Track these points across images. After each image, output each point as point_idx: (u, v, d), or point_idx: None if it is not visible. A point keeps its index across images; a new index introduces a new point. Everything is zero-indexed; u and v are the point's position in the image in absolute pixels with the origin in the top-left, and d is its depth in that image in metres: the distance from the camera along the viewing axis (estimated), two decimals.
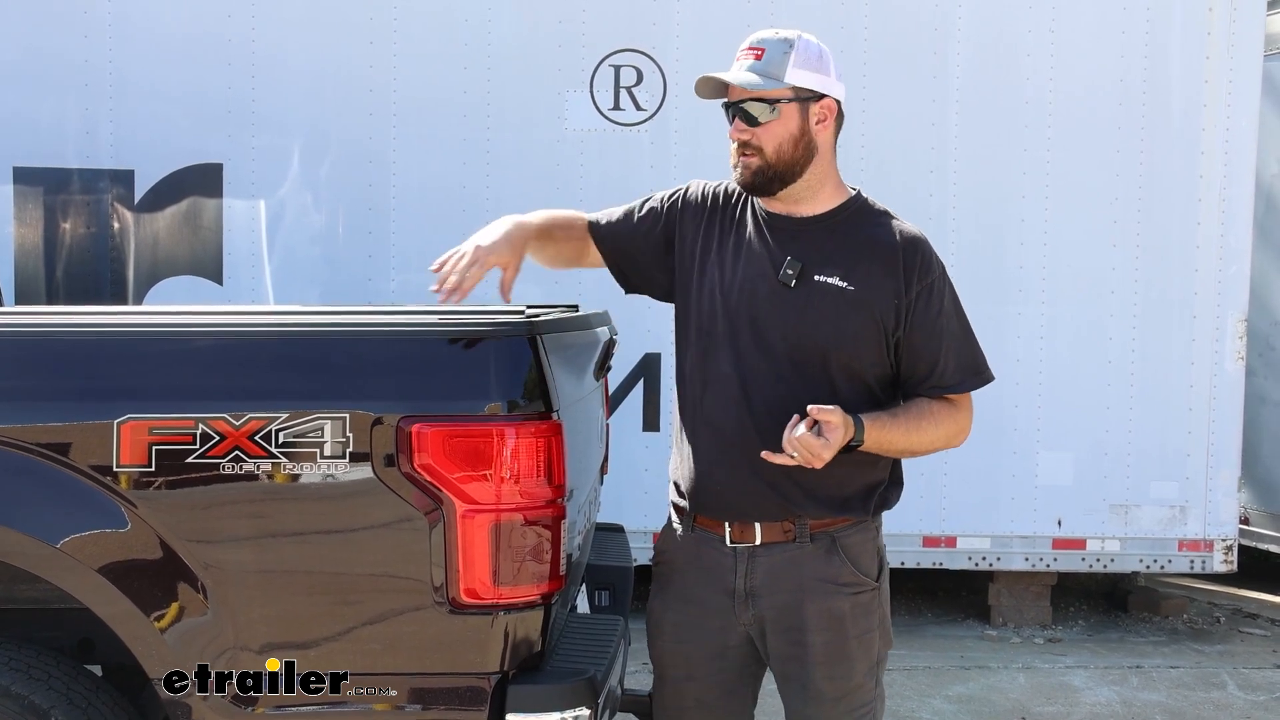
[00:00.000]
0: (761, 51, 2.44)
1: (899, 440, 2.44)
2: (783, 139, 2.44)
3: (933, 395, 2.50)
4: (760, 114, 2.43)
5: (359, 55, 5.70)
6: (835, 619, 2.49)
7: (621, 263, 2.65)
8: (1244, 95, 5.81)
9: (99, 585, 2.21)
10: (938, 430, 2.49)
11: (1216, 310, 5.85)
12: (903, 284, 2.45)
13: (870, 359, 2.47)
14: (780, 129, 2.44)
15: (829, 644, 2.49)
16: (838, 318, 2.44)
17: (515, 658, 2.26)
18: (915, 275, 2.46)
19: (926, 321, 2.47)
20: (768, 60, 2.43)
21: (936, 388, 2.50)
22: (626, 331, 3.83)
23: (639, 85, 5.73)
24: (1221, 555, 5.91)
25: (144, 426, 2.21)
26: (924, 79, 5.82)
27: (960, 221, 5.82)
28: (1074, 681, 5.31)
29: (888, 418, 2.43)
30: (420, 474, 2.20)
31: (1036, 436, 5.86)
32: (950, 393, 2.51)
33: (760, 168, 2.45)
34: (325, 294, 5.67)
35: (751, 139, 2.45)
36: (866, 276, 2.45)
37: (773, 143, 2.44)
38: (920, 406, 2.49)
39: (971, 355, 2.54)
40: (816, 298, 2.44)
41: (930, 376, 2.49)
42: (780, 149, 2.44)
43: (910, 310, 2.46)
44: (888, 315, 2.45)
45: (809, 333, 2.44)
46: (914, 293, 2.46)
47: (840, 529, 2.50)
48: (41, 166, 5.63)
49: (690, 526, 2.58)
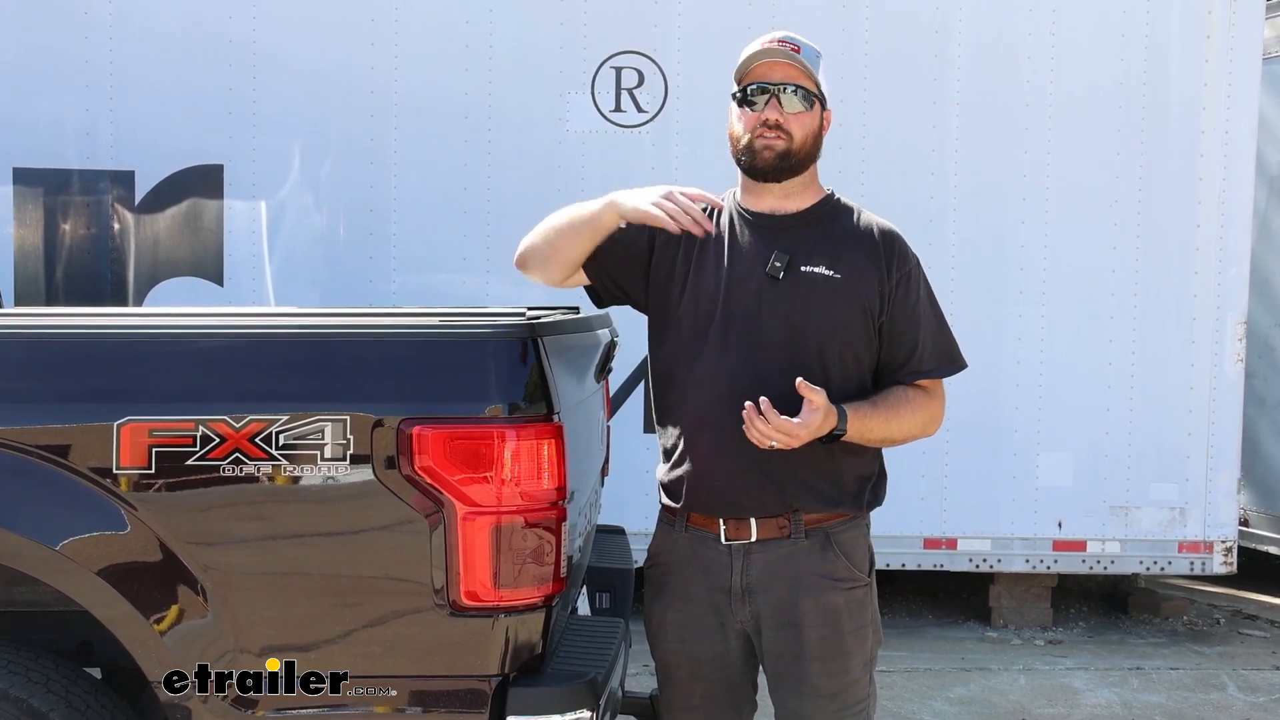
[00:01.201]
0: (799, 48, 2.53)
1: (879, 428, 2.49)
2: (809, 131, 2.54)
3: (909, 381, 2.57)
4: (800, 103, 2.52)
5: (360, 56, 5.70)
6: (831, 614, 2.51)
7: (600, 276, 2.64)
8: (1243, 98, 5.81)
9: (98, 588, 2.21)
10: (915, 417, 2.55)
11: (1216, 312, 5.85)
12: (884, 270, 2.54)
13: (862, 346, 2.53)
14: (810, 121, 2.54)
15: (826, 639, 2.51)
16: (828, 305, 2.49)
17: (516, 660, 2.26)
18: (895, 263, 2.55)
19: (906, 307, 2.55)
20: (806, 58, 2.53)
21: (915, 373, 2.56)
22: (627, 333, 3.82)
23: (640, 87, 5.73)
24: (1221, 557, 5.91)
25: (144, 428, 2.20)
26: (924, 81, 5.82)
27: (960, 223, 5.82)
28: (1074, 683, 5.31)
29: (868, 406, 2.49)
30: (421, 476, 2.19)
31: (1037, 438, 5.86)
32: (927, 377, 2.58)
33: (785, 150, 2.52)
34: (326, 295, 5.67)
35: (785, 122, 2.51)
36: (851, 265, 2.52)
37: (801, 132, 2.53)
38: (897, 394, 2.54)
39: (946, 343, 2.62)
40: (805, 287, 2.50)
41: (909, 361, 2.56)
42: (805, 140, 2.54)
43: (891, 296, 2.54)
44: (873, 301, 2.52)
45: (800, 322, 2.48)
46: (894, 279, 2.54)
47: (834, 525, 2.54)
48: (42, 167, 5.63)
49: (684, 526, 2.60)
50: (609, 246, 2.60)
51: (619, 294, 2.68)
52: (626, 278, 2.64)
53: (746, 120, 2.53)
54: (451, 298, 5.52)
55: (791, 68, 2.50)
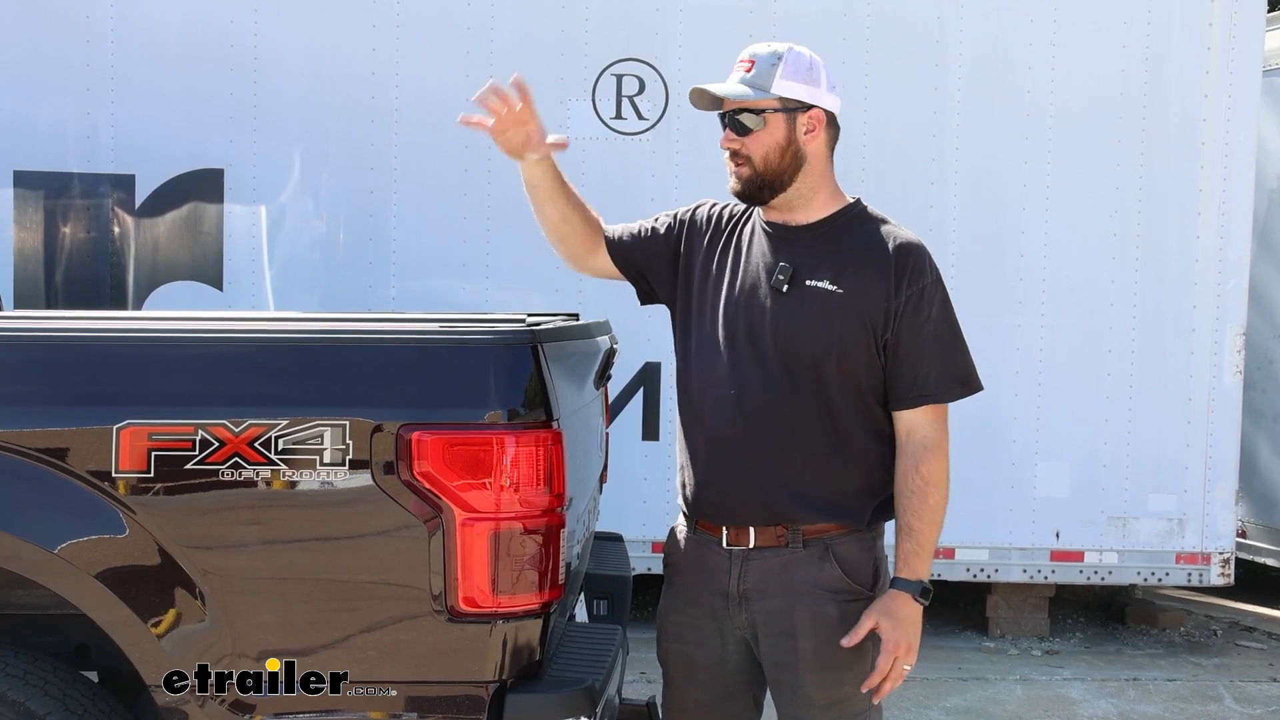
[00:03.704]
0: (752, 64, 2.50)
1: (933, 538, 2.49)
2: (769, 148, 2.49)
3: (911, 405, 2.49)
4: (749, 124, 2.49)
5: (361, 61, 5.70)
6: (826, 625, 2.49)
7: (632, 273, 2.71)
8: (1243, 109, 5.82)
9: (96, 591, 2.21)
10: (937, 495, 2.48)
11: (1215, 323, 5.85)
12: (893, 287, 2.46)
13: (861, 363, 2.47)
14: (767, 138, 2.49)
15: (819, 650, 2.50)
16: (825, 320, 2.46)
17: (514, 666, 2.25)
18: (906, 279, 2.47)
19: (914, 326, 2.48)
20: (756, 72, 2.49)
21: (919, 397, 2.48)
22: (627, 340, 3.83)
23: (641, 94, 5.74)
24: (1219, 568, 5.91)
25: (143, 432, 2.20)
26: (924, 91, 5.83)
27: (960, 233, 5.83)
28: (1071, 694, 5.30)
29: (912, 544, 2.47)
30: (420, 482, 2.19)
31: (1035, 448, 5.86)
32: (930, 401, 2.49)
33: (750, 177, 2.51)
34: (325, 300, 5.67)
35: (740, 148, 2.50)
36: (857, 280, 2.47)
37: (760, 151, 2.49)
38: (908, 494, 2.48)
39: (961, 365, 2.52)
40: (806, 302, 2.47)
41: (914, 384, 2.48)
42: (768, 158, 2.49)
43: (899, 314, 2.46)
44: (877, 318, 2.46)
45: (796, 336, 2.46)
46: (904, 296, 2.47)
47: (834, 536, 2.51)
48: (42, 170, 5.63)
49: (693, 529, 2.62)
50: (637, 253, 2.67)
51: (647, 293, 2.73)
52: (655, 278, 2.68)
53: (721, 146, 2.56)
54: (451, 303, 5.53)
55: (738, 88, 2.48)
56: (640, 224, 2.72)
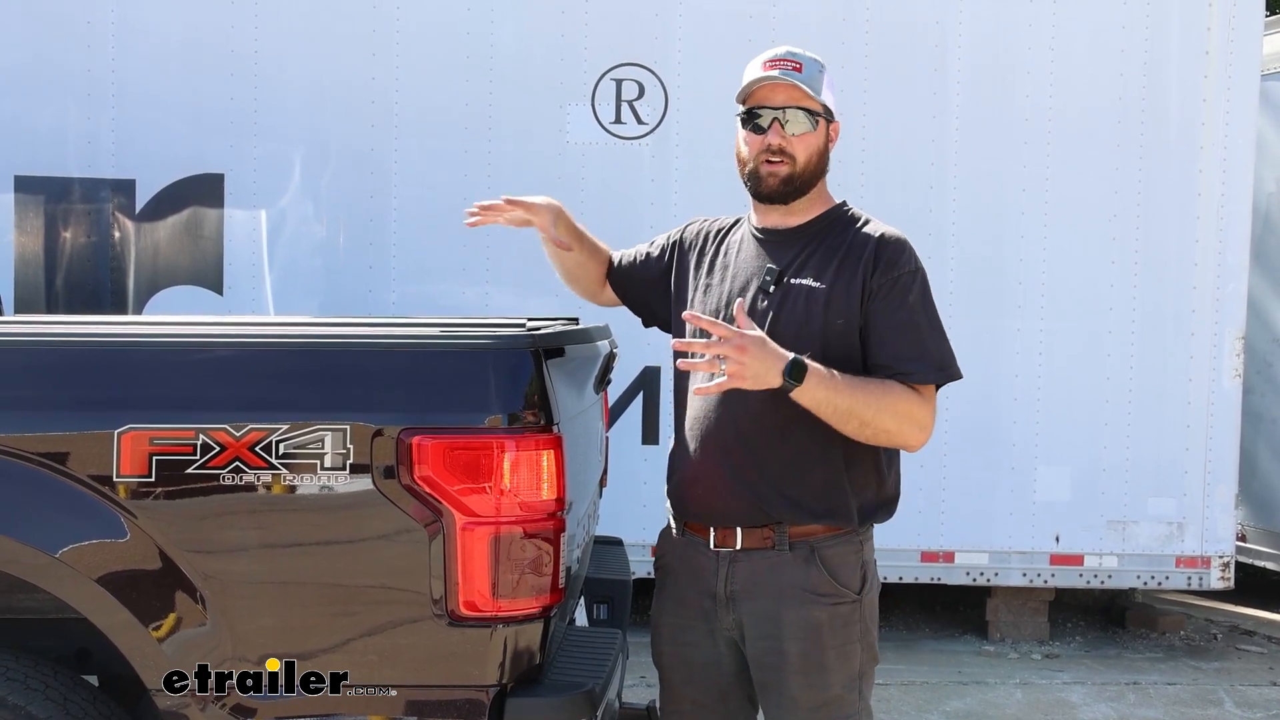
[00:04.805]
0: (800, 65, 2.51)
1: (843, 397, 2.36)
2: (813, 151, 2.54)
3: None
4: (805, 124, 2.51)
5: (361, 67, 5.71)
6: (812, 628, 2.50)
7: (634, 305, 2.83)
8: (1241, 114, 5.83)
9: (97, 595, 2.21)
10: (891, 403, 2.40)
11: (1214, 327, 5.86)
12: (868, 274, 2.47)
13: (844, 356, 2.45)
14: (814, 141, 2.54)
15: (806, 653, 2.50)
16: (807, 316, 2.48)
17: (514, 670, 2.26)
18: (882, 267, 2.47)
19: (887, 311, 2.46)
20: (808, 75, 2.51)
21: (896, 375, 2.44)
22: (627, 345, 3.83)
23: (640, 99, 5.75)
24: (1219, 572, 5.91)
25: (144, 437, 2.21)
26: (924, 95, 5.84)
27: (959, 237, 5.84)
28: (1071, 698, 5.30)
29: (834, 372, 2.37)
30: (420, 486, 2.20)
31: (1035, 452, 5.87)
32: (908, 380, 2.45)
33: (789, 175, 2.52)
34: (325, 305, 5.67)
35: (788, 146, 2.51)
36: (838, 275, 2.49)
37: (805, 153, 2.53)
38: (878, 378, 2.44)
39: (938, 351, 2.49)
40: (790, 299, 2.50)
41: (890, 362, 2.45)
42: (810, 160, 2.53)
43: (872, 296, 2.46)
44: (854, 309, 2.47)
45: (780, 333, 2.45)
46: (876, 283, 2.47)
47: (820, 539, 2.52)
48: (43, 175, 5.64)
49: (682, 530, 2.64)
50: (632, 273, 2.79)
51: (650, 317, 2.84)
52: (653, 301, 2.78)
53: (752, 145, 2.54)
54: (451, 308, 5.53)
55: (794, 89, 2.49)
56: (637, 251, 2.81)
